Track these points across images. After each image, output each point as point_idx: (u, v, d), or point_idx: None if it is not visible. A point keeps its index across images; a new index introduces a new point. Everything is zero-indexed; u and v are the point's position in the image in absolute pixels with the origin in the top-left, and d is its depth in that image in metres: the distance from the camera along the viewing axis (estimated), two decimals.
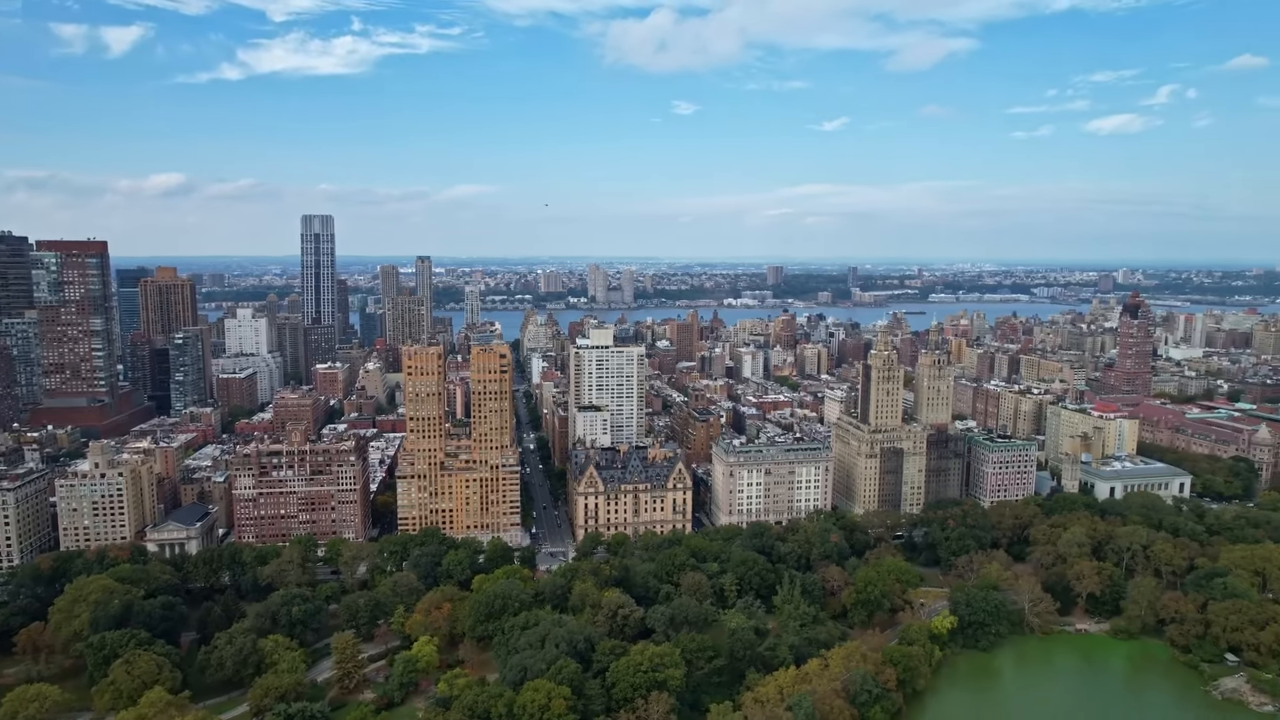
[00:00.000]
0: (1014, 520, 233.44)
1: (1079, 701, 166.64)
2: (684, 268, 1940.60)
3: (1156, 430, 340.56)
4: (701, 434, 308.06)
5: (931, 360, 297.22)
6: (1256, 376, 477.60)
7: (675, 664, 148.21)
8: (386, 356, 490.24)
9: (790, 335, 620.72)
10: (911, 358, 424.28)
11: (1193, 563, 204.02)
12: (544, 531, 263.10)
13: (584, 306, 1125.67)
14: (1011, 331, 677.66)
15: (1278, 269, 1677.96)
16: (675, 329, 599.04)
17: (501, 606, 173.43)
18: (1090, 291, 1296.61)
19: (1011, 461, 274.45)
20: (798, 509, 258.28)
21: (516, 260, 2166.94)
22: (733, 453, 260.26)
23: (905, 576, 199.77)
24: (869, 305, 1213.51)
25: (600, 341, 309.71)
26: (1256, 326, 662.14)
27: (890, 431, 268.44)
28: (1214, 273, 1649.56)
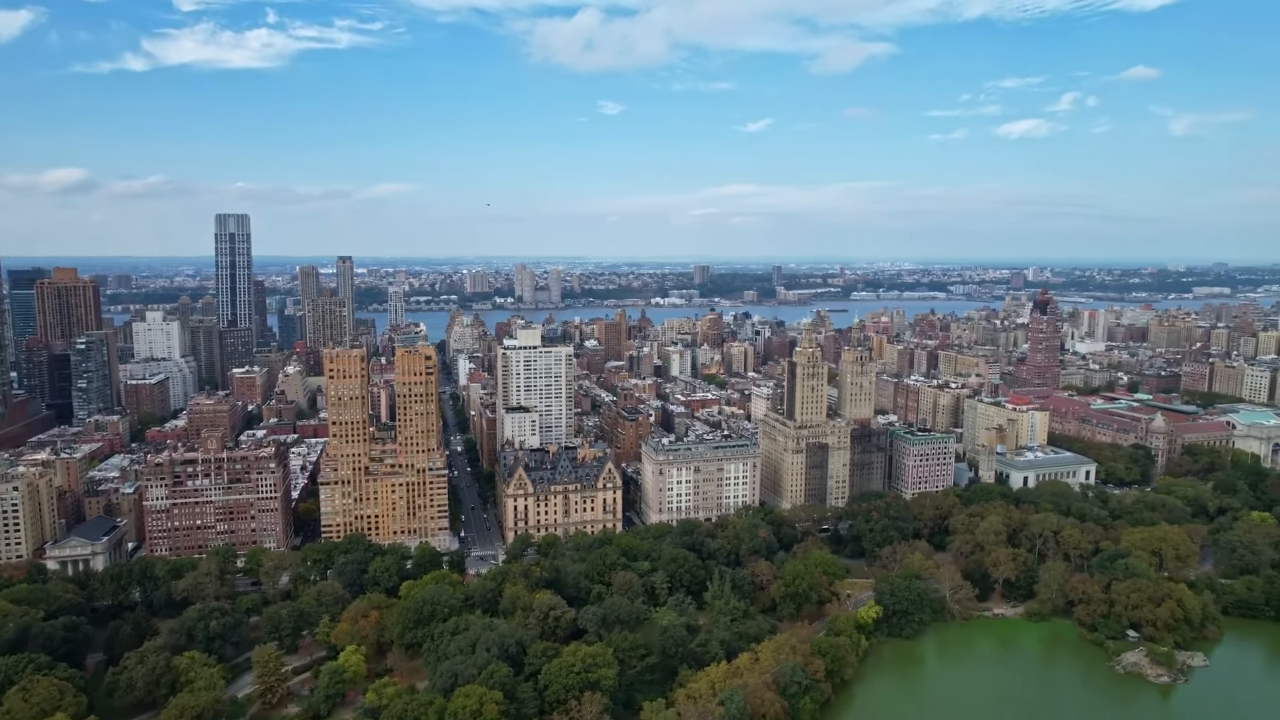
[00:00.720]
0: (934, 511, 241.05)
1: (996, 684, 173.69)
2: (611, 267, 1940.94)
3: (1065, 421, 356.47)
4: (631, 433, 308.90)
5: (854, 357, 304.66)
6: (1152, 368, 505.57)
7: (608, 664, 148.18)
8: (307, 360, 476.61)
9: (717, 334, 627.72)
10: (835, 355, 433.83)
11: (1098, 546, 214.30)
12: (473, 535, 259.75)
13: (511, 307, 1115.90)
14: (930, 328, 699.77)
15: (1169, 267, 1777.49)
16: (603, 329, 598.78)
17: (431, 612, 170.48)
18: (1003, 289, 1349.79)
19: (931, 454, 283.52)
20: (727, 505, 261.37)
21: (441, 260, 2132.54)
22: (662, 451, 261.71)
23: (832, 569, 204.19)
24: (793, 304, 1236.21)
25: (528, 342, 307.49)
26: (1152, 321, 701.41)
27: (815, 427, 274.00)
28: (1114, 271, 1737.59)
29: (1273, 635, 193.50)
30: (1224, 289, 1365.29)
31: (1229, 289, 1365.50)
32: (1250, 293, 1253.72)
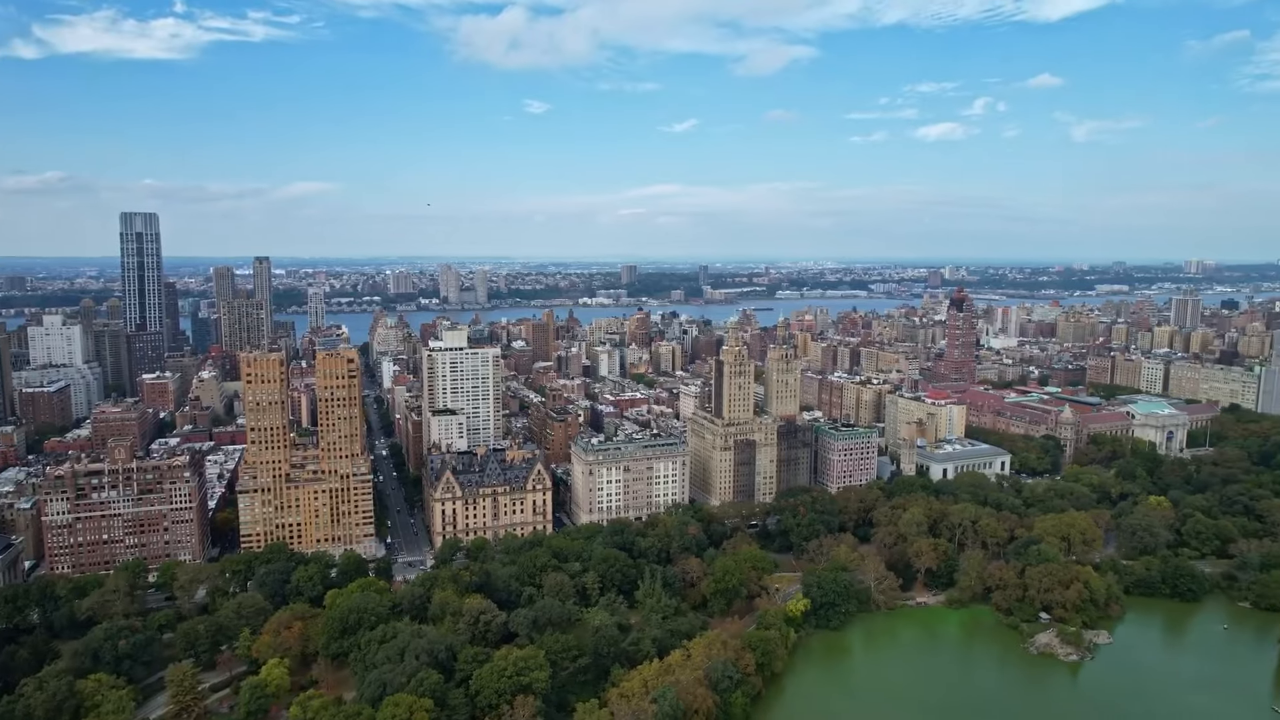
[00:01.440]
0: (859, 504, 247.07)
1: (919, 670, 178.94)
2: (538, 267, 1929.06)
3: (981, 414, 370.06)
4: (560, 434, 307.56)
5: (780, 355, 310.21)
6: (1060, 362, 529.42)
7: (540, 666, 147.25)
8: (223, 364, 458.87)
9: (645, 333, 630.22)
10: (761, 353, 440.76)
11: (1013, 533, 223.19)
12: (400, 541, 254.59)
13: (436, 308, 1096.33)
14: (852, 326, 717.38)
15: (1074, 266, 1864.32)
16: (531, 329, 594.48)
17: (357, 621, 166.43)
18: (921, 287, 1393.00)
19: (855, 449, 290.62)
20: (657, 504, 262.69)
21: (364, 260, 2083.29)
22: (591, 451, 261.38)
23: (761, 564, 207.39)
24: (720, 303, 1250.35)
25: (454, 343, 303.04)
26: (1059, 318, 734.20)
27: (743, 424, 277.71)
28: (1024, 269, 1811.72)
29: (1168, 611, 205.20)
30: (1123, 287, 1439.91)
31: (1127, 287, 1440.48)
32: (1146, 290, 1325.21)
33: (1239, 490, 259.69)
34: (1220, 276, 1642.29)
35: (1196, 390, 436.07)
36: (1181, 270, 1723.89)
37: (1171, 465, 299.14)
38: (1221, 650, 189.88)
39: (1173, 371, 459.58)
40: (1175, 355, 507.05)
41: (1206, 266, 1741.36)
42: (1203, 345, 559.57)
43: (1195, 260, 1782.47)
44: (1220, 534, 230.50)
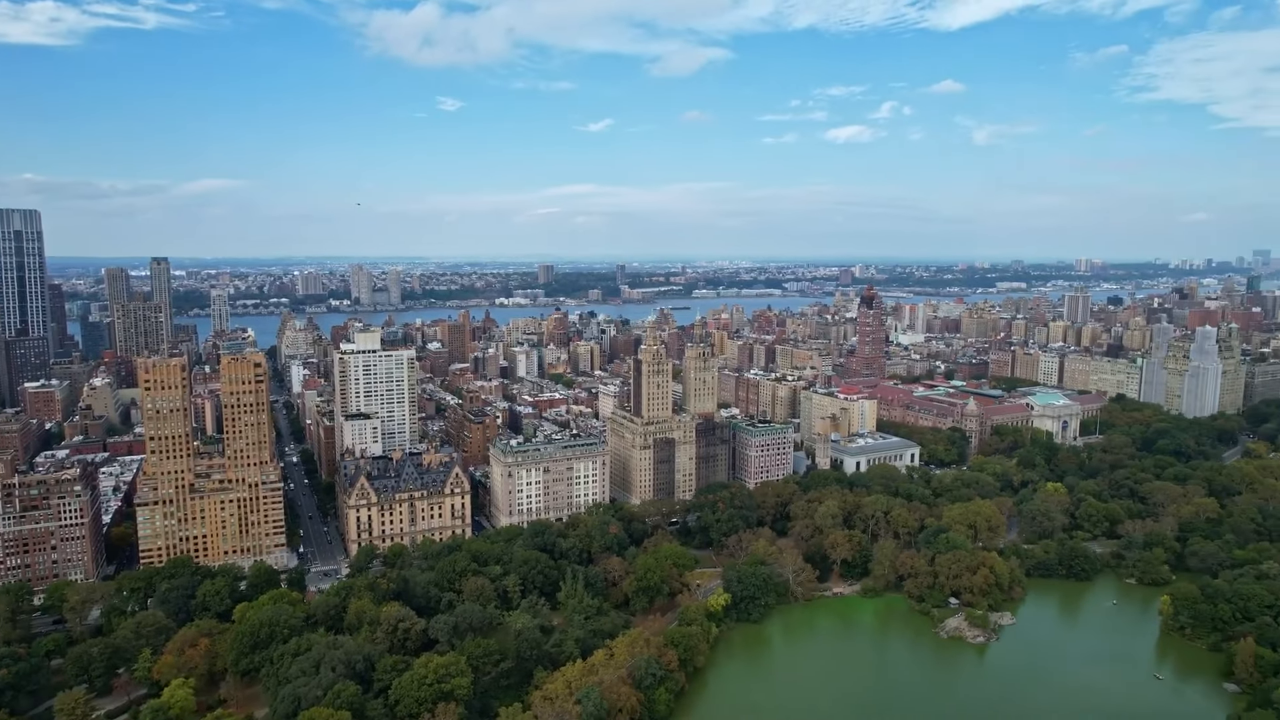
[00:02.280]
0: (776, 498, 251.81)
1: (837, 659, 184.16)
2: (453, 267, 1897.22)
3: (891, 408, 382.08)
4: (478, 436, 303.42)
5: (697, 353, 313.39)
6: (965, 357, 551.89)
7: (461, 672, 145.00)
8: (118, 370, 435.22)
9: (563, 333, 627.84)
10: (679, 351, 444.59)
11: (923, 523, 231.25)
12: (314, 550, 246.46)
13: (347, 309, 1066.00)
14: (767, 324, 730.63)
15: (977, 265, 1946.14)
16: (446, 330, 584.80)
17: (269, 635, 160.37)
18: (833, 285, 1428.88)
19: (772, 444, 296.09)
20: (577, 504, 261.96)
21: (270, 261, 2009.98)
22: (510, 453, 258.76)
23: (682, 560, 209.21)
24: (637, 302, 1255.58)
25: (367, 345, 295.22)
26: (963, 314, 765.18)
27: (662, 423, 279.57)
28: (930, 268, 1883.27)
29: (1064, 591, 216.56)
30: (1021, 284, 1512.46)
31: (1025, 284, 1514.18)
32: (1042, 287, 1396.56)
33: (1125, 475, 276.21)
34: (1107, 274, 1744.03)
35: (1087, 381, 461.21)
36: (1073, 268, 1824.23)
37: (1066, 453, 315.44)
38: (1111, 625, 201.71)
39: (1066, 364, 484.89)
40: (1068, 349, 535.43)
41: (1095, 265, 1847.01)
42: (1092, 339, 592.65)
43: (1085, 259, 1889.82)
44: (1109, 516, 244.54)
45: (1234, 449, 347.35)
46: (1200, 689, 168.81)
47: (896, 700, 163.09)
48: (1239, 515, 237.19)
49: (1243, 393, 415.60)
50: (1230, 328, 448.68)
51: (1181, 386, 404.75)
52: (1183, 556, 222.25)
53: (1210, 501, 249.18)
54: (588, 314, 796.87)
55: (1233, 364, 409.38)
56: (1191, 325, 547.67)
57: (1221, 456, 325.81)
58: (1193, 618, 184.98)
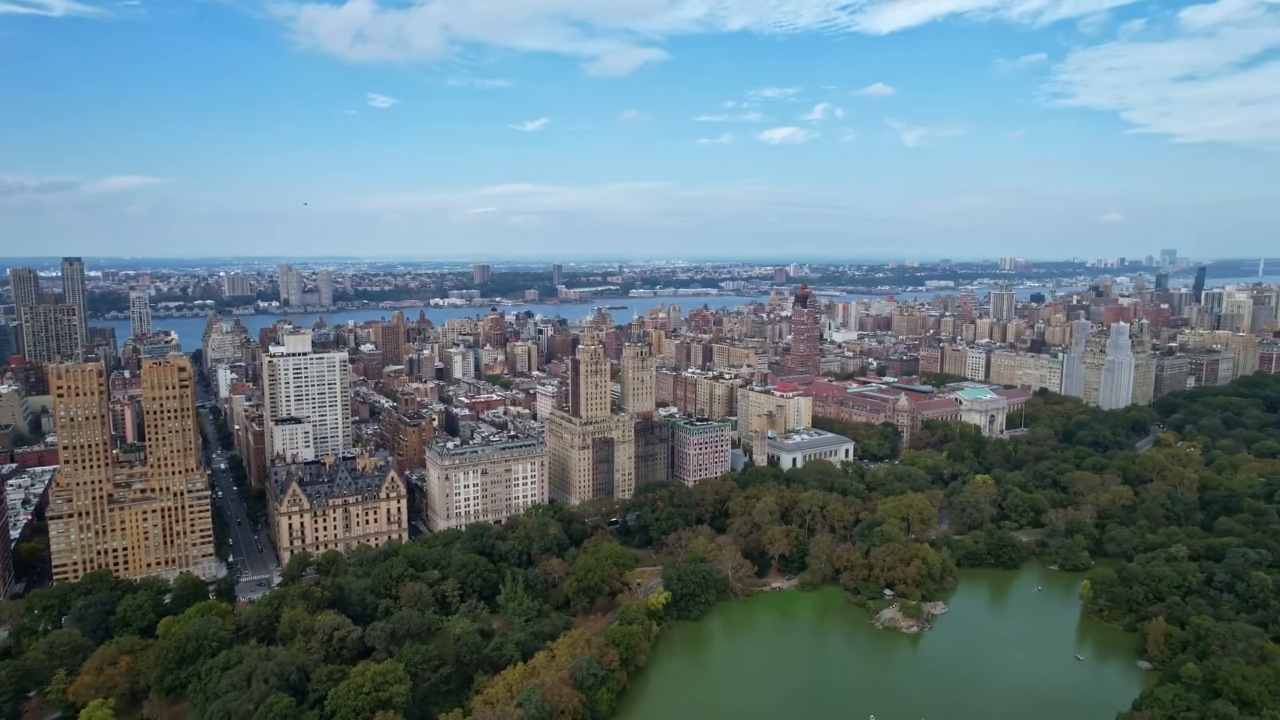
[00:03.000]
0: (715, 496, 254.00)
1: (776, 653, 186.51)
2: (386, 267, 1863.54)
3: (826, 405, 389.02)
4: (413, 439, 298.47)
5: (635, 352, 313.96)
6: (896, 354, 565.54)
7: (400, 680, 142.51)
8: (26, 377, 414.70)
9: (500, 334, 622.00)
10: (616, 351, 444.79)
11: (858, 517, 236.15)
12: (244, 559, 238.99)
13: (276, 311, 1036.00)
14: (704, 322, 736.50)
15: (907, 264, 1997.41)
16: (380, 331, 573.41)
17: (196, 649, 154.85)
18: (768, 284, 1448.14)
19: (710, 442, 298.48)
20: (516, 506, 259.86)
21: (194, 261, 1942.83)
22: (447, 455, 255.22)
23: (622, 560, 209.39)
24: (575, 302, 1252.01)
25: (297, 348, 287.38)
26: (894, 312, 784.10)
27: (600, 423, 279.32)
28: (862, 267, 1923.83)
29: (993, 579, 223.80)
30: (949, 282, 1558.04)
31: (953, 282, 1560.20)
32: (969, 285, 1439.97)
33: (1048, 466, 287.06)
34: (1029, 273, 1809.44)
35: (1013, 376, 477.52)
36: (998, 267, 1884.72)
37: (993, 446, 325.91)
38: (1036, 610, 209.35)
39: (993, 360, 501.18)
40: (994, 345, 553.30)
41: (1018, 263, 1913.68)
42: (1016, 335, 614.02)
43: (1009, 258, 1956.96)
44: (1034, 506, 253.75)
45: (1146, 438, 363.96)
46: (1117, 667, 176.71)
47: (835, 691, 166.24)
48: (1151, 502, 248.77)
49: (1153, 385, 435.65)
50: (1141, 324, 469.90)
51: (1099, 380, 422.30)
52: (1101, 542, 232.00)
53: (1125, 489, 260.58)
54: (525, 314, 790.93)
55: (1144, 358, 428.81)
56: (1107, 321, 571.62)
57: (1135, 446, 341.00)
58: (1110, 600, 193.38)
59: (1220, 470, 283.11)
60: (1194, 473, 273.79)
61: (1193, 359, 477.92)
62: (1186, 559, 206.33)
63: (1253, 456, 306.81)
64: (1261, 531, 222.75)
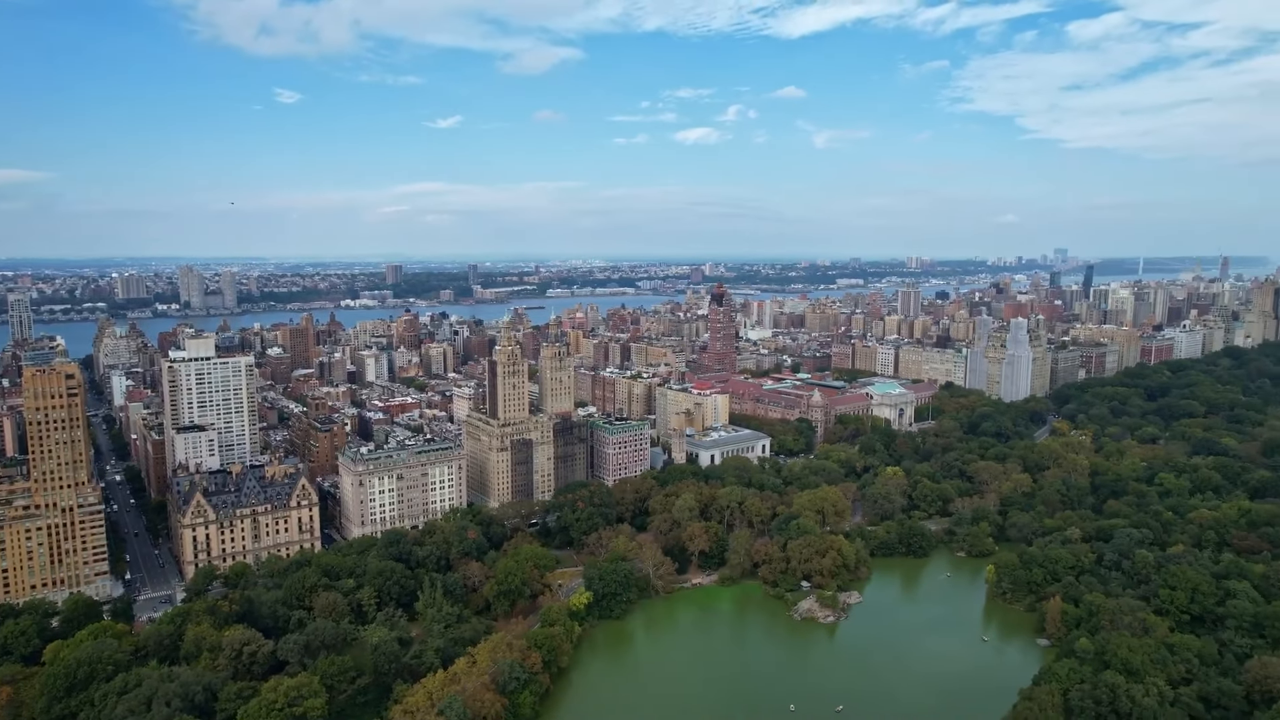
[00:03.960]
0: (635, 494, 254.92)
1: (698, 648, 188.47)
2: (295, 268, 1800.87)
3: (742, 402, 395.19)
4: (325, 445, 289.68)
5: (553, 352, 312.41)
6: (810, 351, 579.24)
7: (315, 693, 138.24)
8: None
9: (414, 335, 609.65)
10: (534, 351, 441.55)
11: (775, 511, 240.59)
12: (143, 576, 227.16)
13: (176, 314, 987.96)
14: (622, 322, 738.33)
15: (818, 262, 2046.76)
16: (288, 334, 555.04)
17: (89, 674, 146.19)
18: (685, 283, 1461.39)
19: (629, 441, 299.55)
20: (434, 510, 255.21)
21: (82, 262, 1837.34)
22: (361, 461, 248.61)
23: (543, 561, 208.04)
24: (491, 302, 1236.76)
25: (199, 352, 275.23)
26: (807, 310, 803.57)
27: (519, 424, 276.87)
28: (776, 265, 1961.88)
29: (905, 568, 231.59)
30: (859, 280, 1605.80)
31: (862, 280, 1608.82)
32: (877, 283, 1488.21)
33: (955, 456, 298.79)
34: (934, 271, 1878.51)
35: (920, 371, 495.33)
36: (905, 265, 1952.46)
37: (903, 439, 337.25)
38: (945, 595, 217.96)
39: (901, 355, 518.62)
40: (903, 341, 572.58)
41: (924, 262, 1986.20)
42: (923, 331, 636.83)
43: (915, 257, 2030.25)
44: (942, 496, 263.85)
45: (1044, 428, 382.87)
46: (1019, 646, 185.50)
47: (755, 683, 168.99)
48: (1048, 488, 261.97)
49: (1049, 377, 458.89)
50: (1038, 319, 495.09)
51: (1000, 373, 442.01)
52: (1004, 528, 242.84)
53: (1025, 477, 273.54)
54: (440, 315, 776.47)
55: (1041, 352, 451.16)
56: (1006, 318, 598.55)
57: (1034, 435, 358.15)
58: (1012, 583, 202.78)
59: (1108, 456, 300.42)
60: (1085, 459, 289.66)
61: (1083, 352, 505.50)
62: (1080, 541, 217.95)
63: (1136, 443, 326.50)
64: (1144, 512, 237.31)
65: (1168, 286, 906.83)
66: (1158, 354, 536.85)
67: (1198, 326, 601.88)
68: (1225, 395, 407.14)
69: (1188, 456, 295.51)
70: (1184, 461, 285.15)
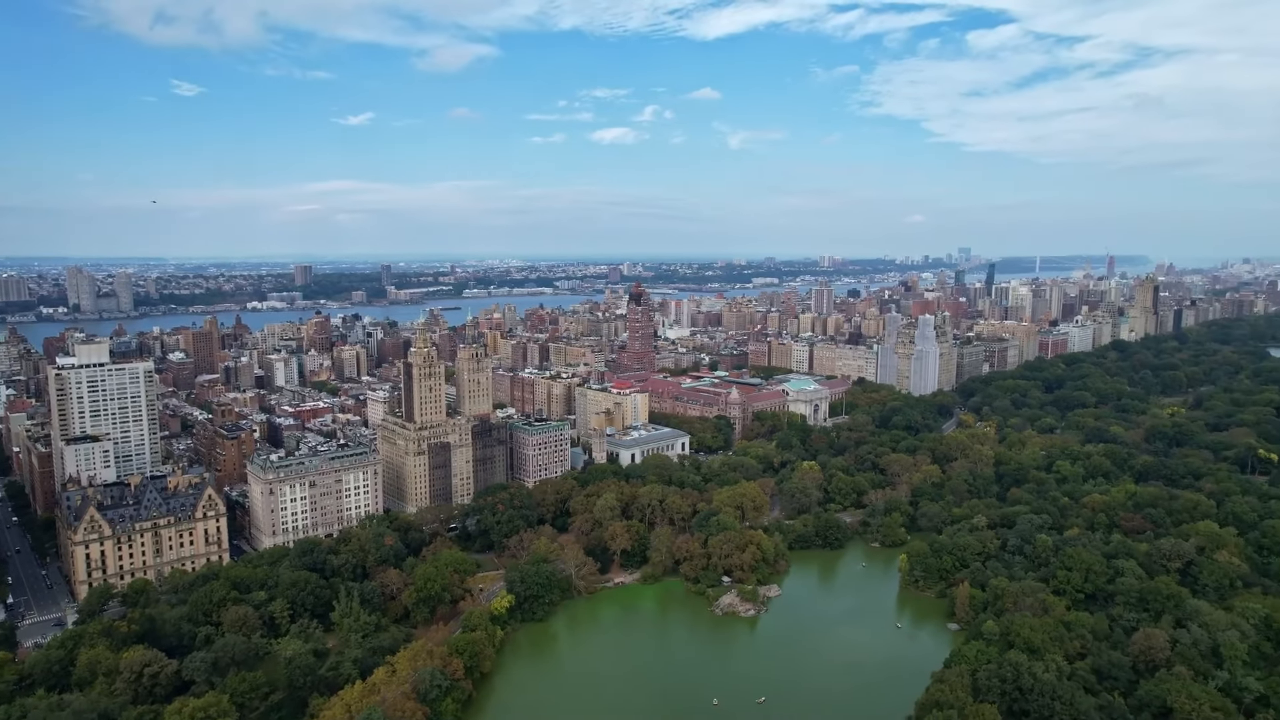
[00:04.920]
0: (556, 495, 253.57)
1: (621, 647, 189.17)
2: (197, 269, 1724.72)
3: (662, 400, 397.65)
4: (233, 453, 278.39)
5: (470, 354, 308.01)
6: (727, 349, 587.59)
7: (224, 712, 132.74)
8: None
9: (326, 338, 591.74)
10: (451, 353, 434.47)
11: (695, 508, 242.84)
12: (28, 599, 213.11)
13: (65, 318, 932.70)
14: (540, 322, 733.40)
15: (735, 261, 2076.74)
16: (191, 338, 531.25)
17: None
18: (603, 283, 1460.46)
19: (549, 442, 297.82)
20: (349, 518, 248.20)
21: None
22: (271, 469, 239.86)
23: (463, 566, 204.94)
24: (405, 303, 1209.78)
25: (92, 359, 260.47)
26: (724, 308, 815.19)
27: (436, 427, 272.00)
28: (693, 265, 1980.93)
29: (822, 560, 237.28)
30: (774, 279, 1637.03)
31: (778, 279, 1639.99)
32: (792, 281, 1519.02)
33: (868, 450, 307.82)
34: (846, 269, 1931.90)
35: (834, 367, 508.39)
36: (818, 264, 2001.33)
37: (818, 434, 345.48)
38: (861, 585, 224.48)
39: (815, 352, 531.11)
40: (817, 338, 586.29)
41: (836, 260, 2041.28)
42: (836, 329, 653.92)
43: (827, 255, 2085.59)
44: (856, 488, 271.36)
45: (951, 420, 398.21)
46: (931, 631, 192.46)
47: (679, 678, 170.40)
48: (956, 479, 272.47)
49: (955, 372, 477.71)
50: (944, 316, 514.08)
51: (909, 368, 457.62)
52: (915, 518, 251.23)
53: (934, 469, 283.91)
54: (352, 317, 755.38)
55: (947, 347, 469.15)
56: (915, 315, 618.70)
57: (942, 428, 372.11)
58: (924, 571, 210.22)
59: (1011, 447, 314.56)
60: (990, 450, 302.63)
61: (987, 347, 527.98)
62: (986, 528, 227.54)
63: (1036, 433, 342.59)
64: (1043, 499, 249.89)
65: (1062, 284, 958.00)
66: (1054, 348, 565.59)
67: (1088, 322, 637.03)
68: (1113, 386, 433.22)
69: (1081, 444, 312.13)
70: (1078, 449, 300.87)
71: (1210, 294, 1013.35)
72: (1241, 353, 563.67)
